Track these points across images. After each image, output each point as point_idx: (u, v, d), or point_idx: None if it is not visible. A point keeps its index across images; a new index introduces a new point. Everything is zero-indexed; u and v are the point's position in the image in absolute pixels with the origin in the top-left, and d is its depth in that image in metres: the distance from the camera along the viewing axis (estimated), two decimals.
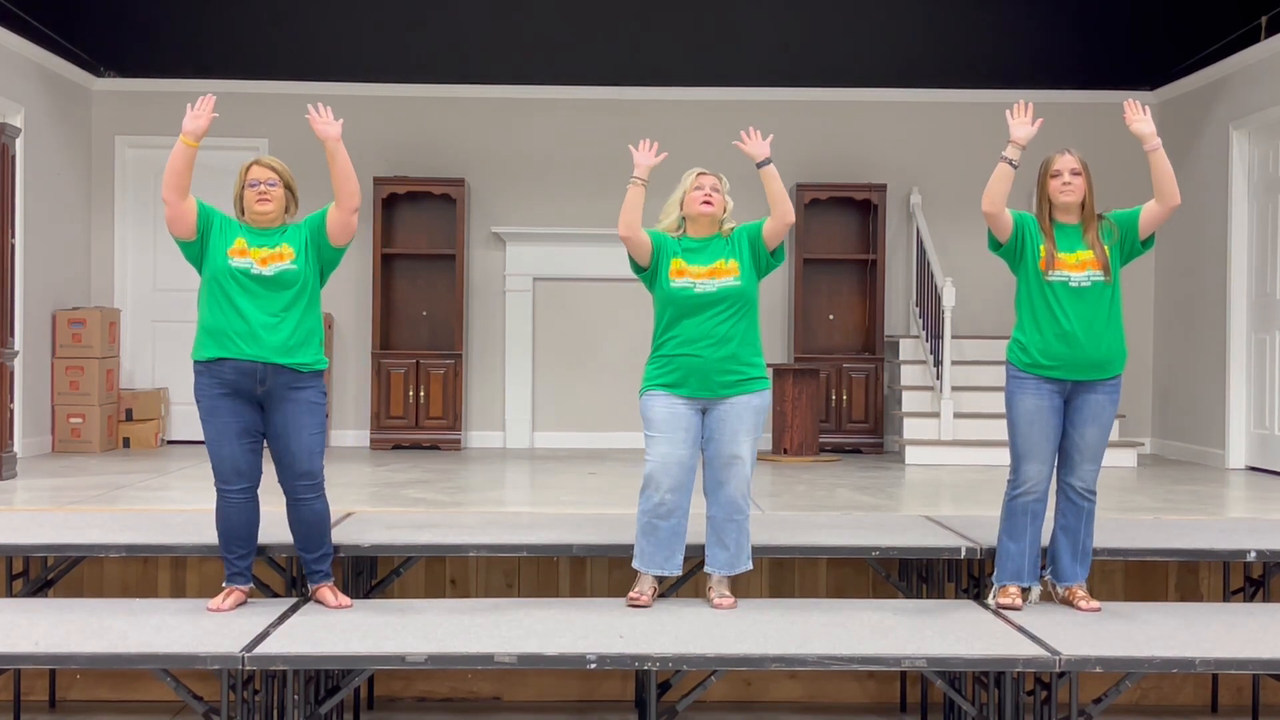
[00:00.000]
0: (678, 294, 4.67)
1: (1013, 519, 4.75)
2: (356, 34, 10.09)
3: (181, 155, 4.46)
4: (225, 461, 4.52)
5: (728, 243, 4.74)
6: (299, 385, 4.52)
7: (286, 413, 4.51)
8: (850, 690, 5.38)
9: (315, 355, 4.57)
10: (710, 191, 4.70)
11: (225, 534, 4.60)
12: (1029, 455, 4.69)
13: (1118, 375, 4.73)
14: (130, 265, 10.04)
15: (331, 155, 4.55)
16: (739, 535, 4.71)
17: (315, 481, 4.61)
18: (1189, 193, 9.67)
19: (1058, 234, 4.70)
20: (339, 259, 4.68)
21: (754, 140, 4.72)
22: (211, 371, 4.49)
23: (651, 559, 4.71)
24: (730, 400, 4.67)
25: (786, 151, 10.37)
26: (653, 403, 4.69)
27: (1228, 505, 6.95)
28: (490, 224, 10.15)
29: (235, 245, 4.50)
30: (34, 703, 5.19)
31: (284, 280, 4.50)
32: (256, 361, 4.45)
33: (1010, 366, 4.77)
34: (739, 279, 4.68)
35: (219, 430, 4.50)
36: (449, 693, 5.38)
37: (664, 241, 4.74)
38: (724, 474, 4.67)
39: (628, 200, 4.66)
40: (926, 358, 9.55)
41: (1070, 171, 4.70)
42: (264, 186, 4.54)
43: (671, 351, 4.67)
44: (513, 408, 10.17)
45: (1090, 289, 4.64)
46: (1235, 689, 5.36)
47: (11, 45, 8.59)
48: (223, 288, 4.48)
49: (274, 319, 4.47)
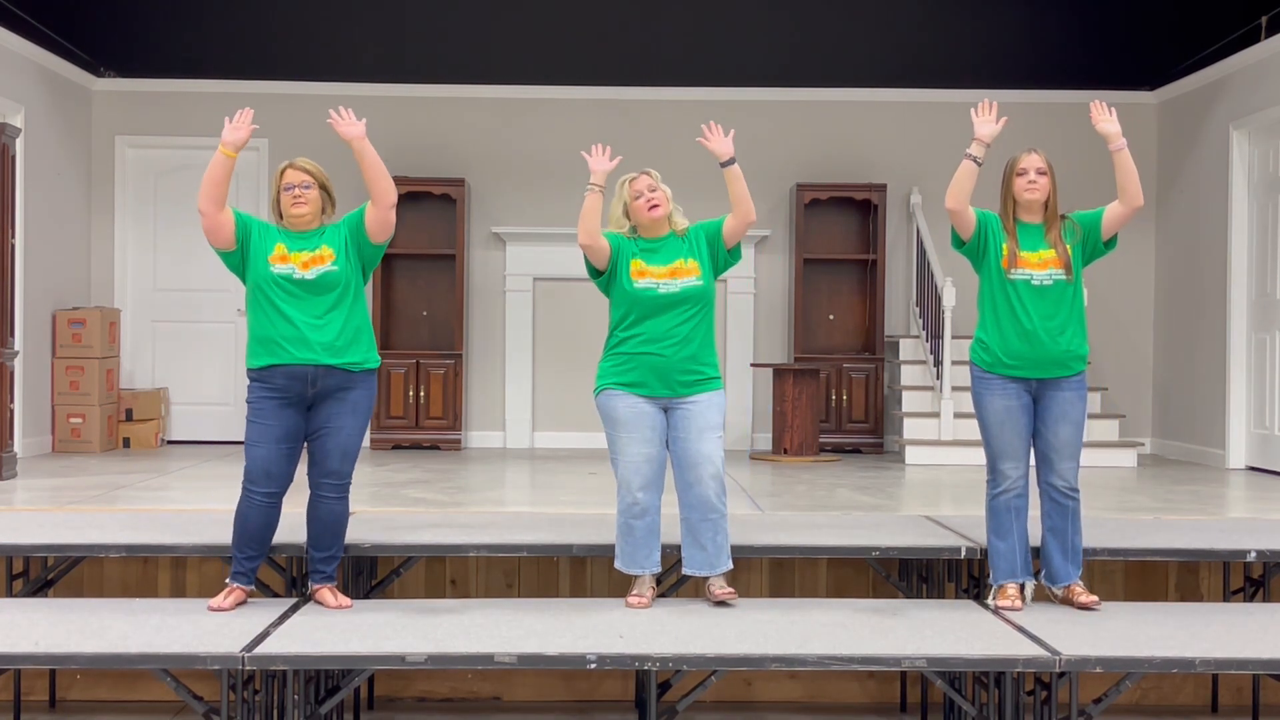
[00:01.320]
0: (642, 294, 4.67)
1: (997, 518, 4.76)
2: (356, 34, 10.09)
3: (221, 166, 4.46)
4: (258, 462, 4.52)
5: (684, 242, 4.75)
6: (350, 385, 4.55)
7: (332, 410, 4.55)
8: (850, 690, 5.38)
9: (365, 354, 4.59)
10: (649, 193, 4.71)
11: (240, 533, 4.60)
12: (1004, 455, 4.73)
13: (1082, 372, 4.74)
14: (130, 265, 10.04)
15: (360, 155, 4.54)
16: (715, 534, 4.69)
17: (342, 483, 4.62)
18: (1189, 193, 9.69)
19: (1020, 233, 4.73)
20: (380, 255, 4.69)
21: (717, 137, 4.71)
22: (264, 378, 4.51)
23: (631, 558, 4.72)
24: (692, 399, 4.67)
25: (786, 151, 10.44)
26: (614, 402, 4.68)
27: (1228, 505, 6.95)
28: (490, 224, 10.15)
29: (276, 252, 4.51)
30: (34, 703, 5.19)
31: (326, 282, 4.51)
32: (307, 365, 4.47)
33: (974, 367, 4.81)
34: (700, 279, 4.70)
35: (260, 432, 4.52)
36: (449, 693, 5.38)
37: (621, 243, 4.75)
38: (694, 474, 4.65)
39: (586, 208, 4.67)
40: (926, 358, 9.55)
41: (1035, 170, 4.73)
42: (298, 190, 4.54)
43: (633, 350, 4.67)
44: (513, 408, 10.18)
45: (1052, 288, 4.67)
46: (1235, 689, 5.36)
47: (11, 45, 8.59)
48: (267, 295, 4.50)
49: (320, 321, 4.49)
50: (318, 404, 4.55)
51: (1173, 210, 9.93)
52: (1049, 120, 10.03)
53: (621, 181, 4.80)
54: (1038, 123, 10.01)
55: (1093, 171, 9.81)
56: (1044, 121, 10.03)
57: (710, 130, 4.74)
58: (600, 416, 4.75)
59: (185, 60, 9.95)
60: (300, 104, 9.67)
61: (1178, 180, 9.84)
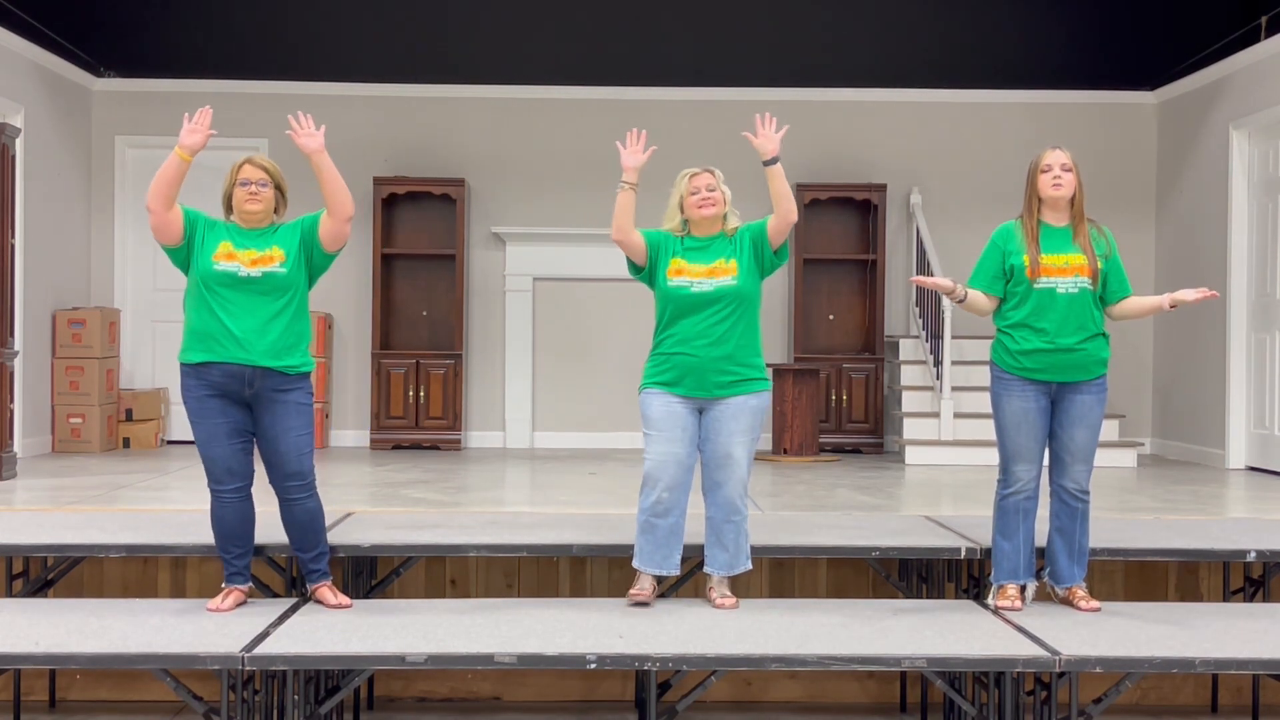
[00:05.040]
0: (674, 293, 4.65)
1: (1005, 518, 4.75)
2: (356, 34, 10.09)
3: (174, 167, 4.41)
4: (217, 462, 4.51)
5: (731, 242, 4.71)
6: (286, 388, 4.51)
7: (275, 414, 4.50)
8: (850, 690, 5.38)
9: (303, 358, 4.55)
10: (707, 192, 4.67)
11: (221, 534, 4.59)
12: (1018, 456, 4.70)
13: (1102, 376, 4.71)
14: (130, 265, 10.04)
15: (317, 169, 4.50)
16: (737, 536, 4.71)
17: (306, 481, 4.60)
18: (1189, 193, 9.69)
19: (1045, 237, 4.66)
20: (329, 264, 4.64)
21: (766, 133, 4.64)
22: (199, 374, 4.47)
23: (650, 558, 4.71)
24: (727, 401, 4.66)
25: (787, 152, 10.34)
26: (651, 400, 4.68)
27: (1228, 505, 6.95)
28: (490, 224, 10.15)
29: (221, 249, 4.46)
30: (34, 703, 5.19)
31: (271, 283, 4.47)
32: (244, 365, 4.43)
33: (994, 367, 4.78)
34: (736, 279, 4.65)
35: (209, 431, 4.49)
36: (449, 693, 5.38)
37: (663, 240, 4.72)
38: (720, 475, 4.66)
39: (619, 205, 4.63)
40: (926, 358, 9.55)
41: (1060, 167, 4.65)
42: (255, 186, 4.50)
43: (669, 350, 4.67)
44: (513, 408, 10.17)
45: (1078, 295, 4.62)
46: (1235, 689, 5.36)
47: (12, 45, 8.59)
48: (209, 291, 4.45)
49: (262, 323, 4.44)
50: (257, 406, 4.50)
51: (1173, 210, 9.93)
52: (1049, 120, 10.04)
53: (683, 175, 4.72)
54: (1038, 123, 10.02)
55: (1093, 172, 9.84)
56: (1044, 121, 10.04)
57: (763, 123, 4.65)
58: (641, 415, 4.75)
59: (185, 60, 9.95)
60: (299, 104, 9.53)
61: (1178, 180, 9.84)
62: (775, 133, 4.64)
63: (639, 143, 4.67)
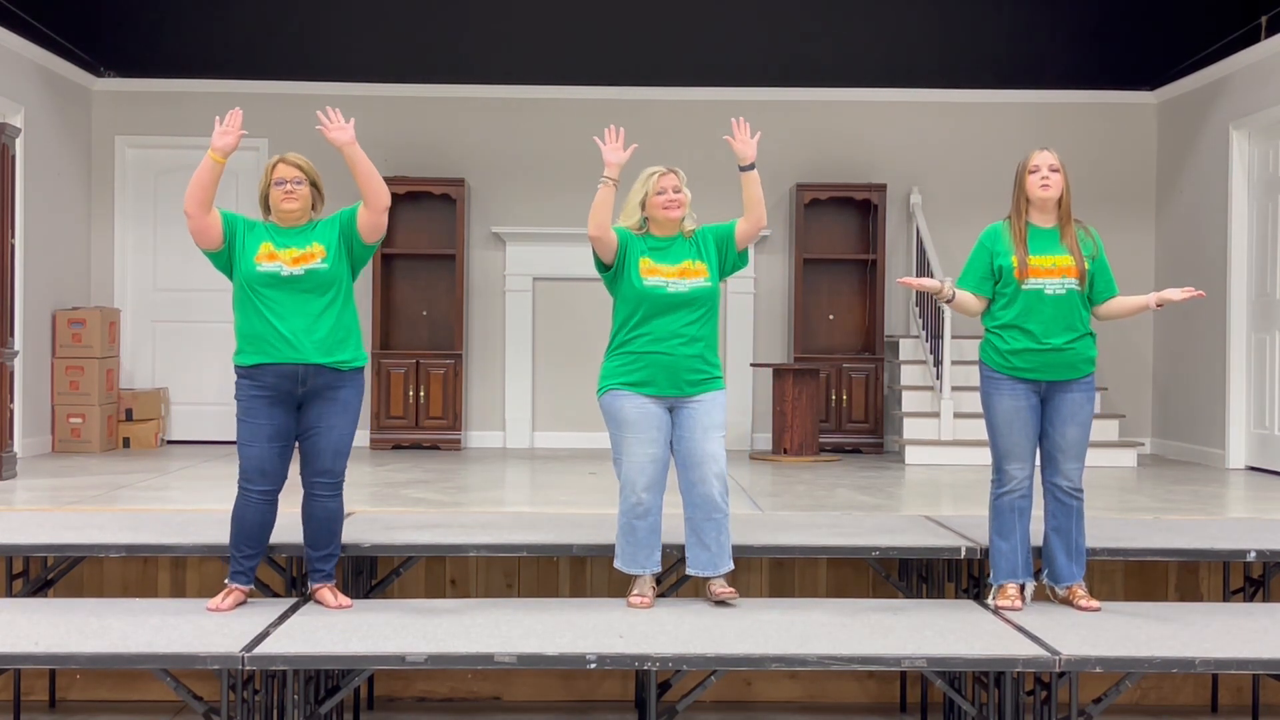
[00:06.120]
0: (651, 292, 4.65)
1: (1000, 518, 4.76)
2: (356, 34, 10.09)
3: (208, 170, 4.44)
4: (252, 461, 4.52)
5: (691, 244, 4.74)
6: (339, 384, 4.54)
7: (322, 410, 4.54)
8: (850, 690, 5.38)
9: (354, 352, 4.58)
10: (674, 193, 4.69)
11: (238, 532, 4.60)
12: (1010, 455, 4.72)
13: (1091, 374, 4.73)
14: (130, 265, 10.04)
15: (351, 160, 4.50)
16: (719, 534, 4.69)
17: (335, 481, 4.62)
18: (1189, 193, 9.68)
19: (1033, 237, 4.69)
20: (370, 255, 4.68)
21: (743, 136, 4.68)
22: (253, 376, 4.50)
23: (632, 559, 4.72)
24: (699, 398, 4.68)
25: (786, 151, 10.42)
26: (620, 402, 4.67)
27: (1228, 505, 6.95)
28: (490, 224, 10.15)
29: (262, 250, 4.49)
30: (34, 703, 5.19)
31: (315, 279, 4.49)
32: (297, 364, 4.46)
33: (984, 367, 4.80)
34: (708, 280, 4.70)
35: (251, 431, 4.51)
36: (449, 693, 5.38)
37: (629, 239, 4.73)
38: (698, 473, 4.65)
39: (598, 200, 4.62)
40: (926, 358, 9.55)
41: (1048, 168, 4.68)
42: (290, 185, 4.52)
43: (641, 349, 4.66)
44: (513, 408, 10.18)
45: (1065, 296, 4.64)
46: (1235, 689, 5.36)
47: (11, 45, 8.59)
48: (254, 293, 4.48)
49: (310, 321, 4.47)
50: (307, 403, 4.54)
51: (1173, 210, 9.93)
52: (1049, 120, 10.05)
53: (650, 173, 4.73)
54: (1038, 123, 10.02)
55: (1093, 172, 9.86)
56: (1044, 121, 10.04)
57: (739, 128, 4.71)
58: (604, 417, 4.74)
59: (185, 60, 9.95)
60: (299, 104, 9.65)
61: (1178, 180, 9.84)
62: (750, 138, 4.69)
63: (619, 139, 4.69)
